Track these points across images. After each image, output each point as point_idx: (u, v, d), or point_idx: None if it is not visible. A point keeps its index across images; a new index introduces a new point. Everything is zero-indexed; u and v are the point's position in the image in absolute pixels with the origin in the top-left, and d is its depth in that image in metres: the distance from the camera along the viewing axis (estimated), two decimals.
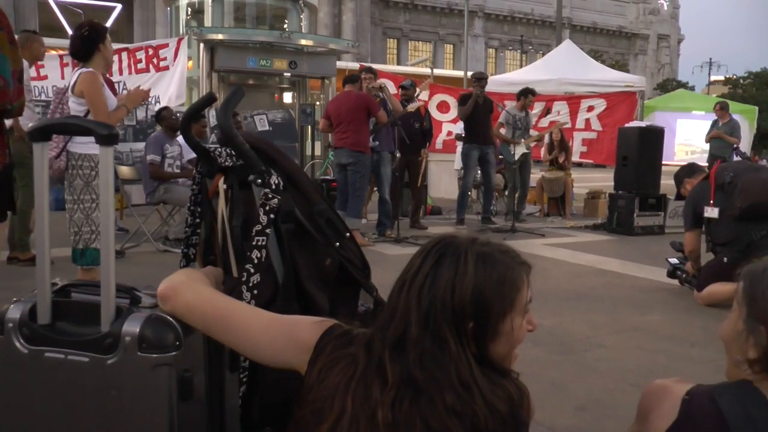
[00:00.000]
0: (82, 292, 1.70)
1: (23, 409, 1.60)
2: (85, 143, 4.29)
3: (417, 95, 9.56)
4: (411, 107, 8.55)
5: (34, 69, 10.60)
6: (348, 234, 1.98)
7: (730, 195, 4.92)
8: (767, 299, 1.37)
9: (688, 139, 17.26)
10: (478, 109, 9.27)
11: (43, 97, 10.35)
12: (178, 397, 1.53)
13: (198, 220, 2.15)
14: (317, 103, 15.86)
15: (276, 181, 1.84)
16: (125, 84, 10.59)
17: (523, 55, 45.97)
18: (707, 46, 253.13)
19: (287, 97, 16.79)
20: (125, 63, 10.88)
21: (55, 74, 10.62)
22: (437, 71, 22.56)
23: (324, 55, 15.44)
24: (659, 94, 42.07)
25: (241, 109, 11.43)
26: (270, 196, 1.84)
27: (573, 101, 12.96)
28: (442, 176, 13.19)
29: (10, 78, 2.77)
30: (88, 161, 4.30)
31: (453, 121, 12.27)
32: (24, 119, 6.03)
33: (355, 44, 17.83)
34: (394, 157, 8.24)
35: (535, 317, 1.41)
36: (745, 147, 13.99)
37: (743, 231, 4.90)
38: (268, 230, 1.85)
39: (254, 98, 15.51)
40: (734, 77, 52.52)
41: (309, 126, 12.94)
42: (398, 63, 41.91)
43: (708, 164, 11.32)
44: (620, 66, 47.44)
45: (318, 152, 14.07)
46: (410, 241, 7.85)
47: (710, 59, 55.83)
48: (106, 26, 4.76)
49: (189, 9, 18.09)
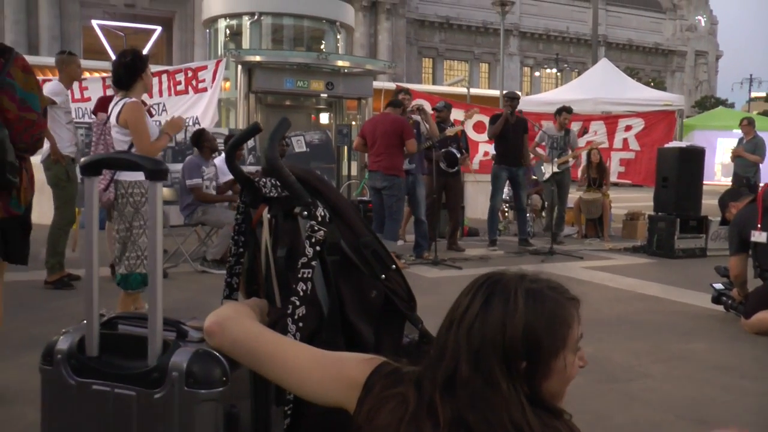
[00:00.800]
0: (129, 324, 1.71)
1: None
2: (133, 172, 4.34)
3: (463, 122, 9.59)
4: (450, 131, 8.54)
5: (78, 90, 10.89)
6: (394, 266, 1.96)
7: None
8: None
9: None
10: (509, 129, 9.20)
11: (86, 119, 10.56)
12: None
13: (241, 250, 2.15)
14: (353, 123, 15.93)
15: (322, 213, 1.83)
16: (165, 105, 10.78)
17: (559, 74, 45.73)
18: (747, 62, 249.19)
19: (324, 118, 16.89)
20: (165, 85, 11.07)
21: (98, 96, 10.82)
22: (473, 90, 22.56)
23: (360, 76, 15.52)
24: (698, 112, 41.49)
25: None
26: (316, 228, 1.82)
27: (610, 121, 12.83)
28: (479, 197, 13.11)
29: (40, 111, 3.13)
30: (138, 188, 4.35)
31: (489, 142, 12.21)
32: (64, 141, 6.17)
33: (392, 65, 17.91)
34: (431, 179, 8.27)
35: None
36: None
37: None
38: (314, 263, 1.84)
39: (291, 119, 15.46)
40: None
41: (345, 146, 12.99)
42: (434, 82, 41.99)
43: (732, 184, 11.08)
44: (657, 83, 46.95)
45: (354, 173, 14.10)
46: (448, 264, 7.80)
47: (750, 75, 54.95)
48: (147, 54, 4.83)
49: (227, 31, 18.36)
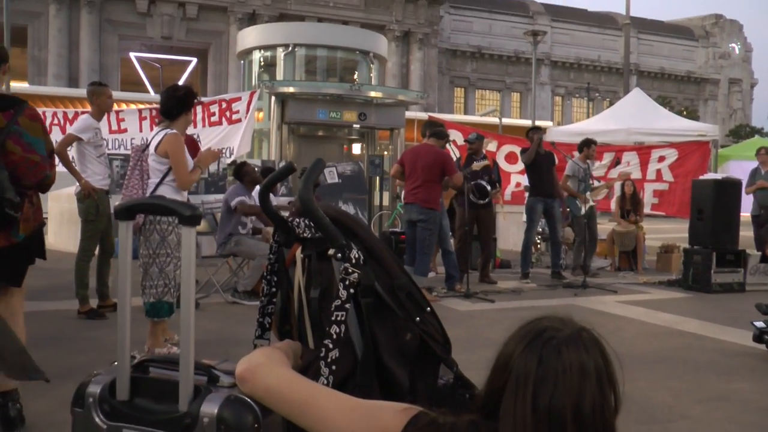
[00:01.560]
0: (160, 368, 1.69)
1: None
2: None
3: (484, 147, 9.54)
4: (476, 166, 8.49)
5: (115, 121, 11.10)
6: (429, 308, 1.93)
7: None
8: None
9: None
10: (542, 160, 9.19)
11: (122, 150, 10.75)
12: None
13: (274, 290, 2.14)
14: (385, 153, 15.98)
15: (356, 255, 1.81)
16: (199, 136, 10.92)
17: (590, 103, 45.58)
18: None
19: (356, 148, 16.97)
20: (199, 116, 11.23)
21: (134, 127, 11.05)
22: (505, 120, 22.55)
23: (393, 107, 15.60)
24: (732, 141, 40.94)
25: (311, 162, 11.61)
26: (350, 271, 1.80)
27: (643, 151, 12.68)
28: (511, 228, 13.03)
29: (45, 154, 3.56)
30: (165, 217, 4.41)
31: (521, 172, 12.14)
32: (96, 175, 6.27)
33: (424, 95, 17.99)
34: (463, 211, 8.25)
35: None
36: None
37: None
38: (348, 305, 1.81)
39: (323, 149, 15.76)
40: None
41: (377, 177, 13.00)
42: (465, 112, 42.07)
43: (752, 215, 10.79)
44: (690, 112, 46.50)
45: (386, 203, 14.11)
46: (480, 296, 7.72)
47: None
48: (195, 93, 4.97)
49: (261, 62, 18.65)
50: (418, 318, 1.91)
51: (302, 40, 18.15)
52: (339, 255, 1.81)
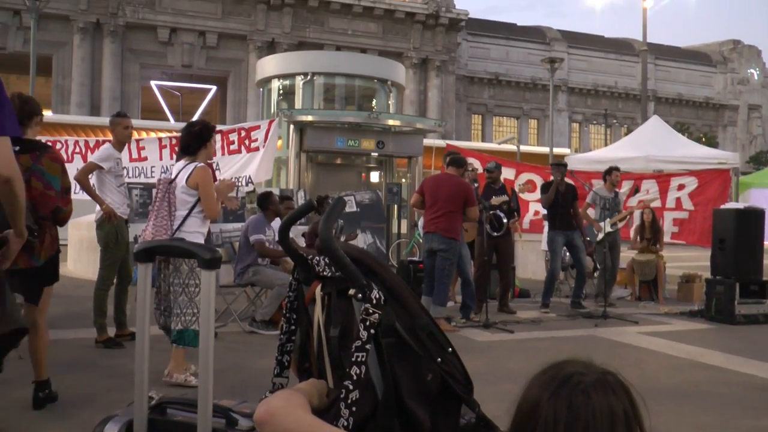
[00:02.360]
0: (178, 409, 1.67)
1: None
2: (192, 232, 4.56)
3: (514, 181, 9.60)
4: (495, 201, 8.48)
5: (136, 150, 11.21)
6: (450, 348, 1.90)
7: None
8: None
9: None
10: (560, 196, 9.20)
11: (142, 178, 10.82)
12: None
13: (293, 327, 2.12)
14: (403, 181, 15.99)
15: (377, 296, 1.79)
16: (218, 164, 10.99)
17: (608, 129, 45.45)
18: None
19: (374, 176, 16.99)
20: (218, 144, 11.29)
21: (154, 156, 11.14)
22: (522, 147, 22.54)
23: (410, 134, 15.64)
24: (753, 167, 40.56)
25: (329, 190, 11.66)
26: (371, 311, 1.78)
27: (662, 179, 12.59)
28: (529, 256, 12.95)
29: (59, 190, 4.10)
30: None
31: (539, 200, 12.12)
32: (115, 204, 6.33)
33: (441, 123, 18.04)
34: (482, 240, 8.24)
35: None
36: None
37: None
38: (368, 346, 1.79)
39: (341, 177, 15.81)
40: None
41: (396, 205, 12.99)
42: (483, 139, 42.09)
43: None
44: (709, 138, 46.19)
45: (404, 230, 14.08)
46: (499, 327, 7.64)
47: None
48: (215, 126, 5.11)
49: (280, 90, 18.81)
50: (440, 358, 1.89)
51: (321, 69, 18.31)
52: (359, 295, 1.79)
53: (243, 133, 11.32)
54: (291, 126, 14.37)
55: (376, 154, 15.56)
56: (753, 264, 8.80)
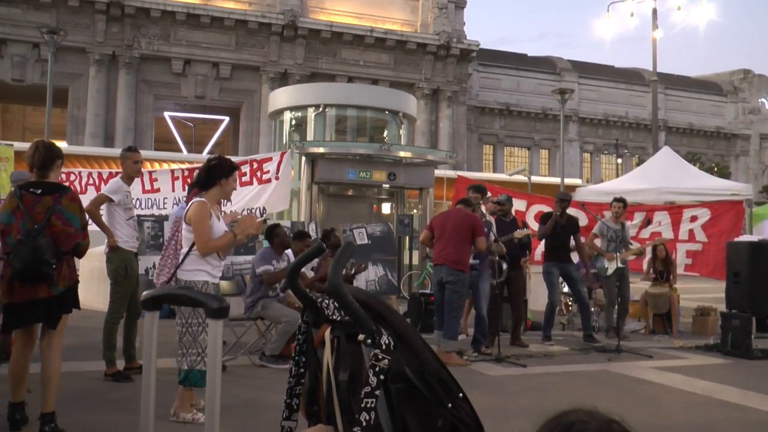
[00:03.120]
0: None
1: None
2: (190, 270, 4.48)
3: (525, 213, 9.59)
4: (519, 234, 8.47)
5: (148, 181, 11.30)
6: (461, 394, 1.88)
7: None
8: None
9: None
10: (559, 229, 9.22)
11: (155, 210, 10.88)
12: None
13: (302, 370, 2.11)
14: (414, 212, 15.98)
15: (386, 341, 1.78)
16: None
17: (619, 159, 45.39)
18: None
19: (386, 208, 17.02)
20: (237, 175, 11.37)
21: (167, 187, 11.22)
22: (533, 178, 22.51)
23: (422, 166, 15.67)
24: (765, 197, 40.30)
25: (341, 222, 11.66)
26: (380, 357, 1.77)
27: (674, 211, 12.49)
28: (541, 288, 12.79)
29: (78, 227, 4.52)
30: (197, 286, 4.43)
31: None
32: (124, 237, 6.37)
33: (452, 155, 18.07)
34: (502, 272, 8.19)
35: None
36: None
37: None
38: (378, 392, 1.77)
39: (353, 209, 15.83)
40: None
41: (407, 236, 12.98)
42: (494, 169, 42.10)
43: None
44: (721, 168, 46.00)
45: (416, 262, 14.04)
46: (511, 361, 7.57)
47: None
48: (237, 165, 4.99)
49: (292, 122, 18.93)
50: (451, 404, 1.86)
51: (332, 101, 18.43)
52: (369, 341, 1.78)
53: (255, 165, 11.39)
54: (303, 157, 14.44)
55: (388, 186, 15.60)
56: None
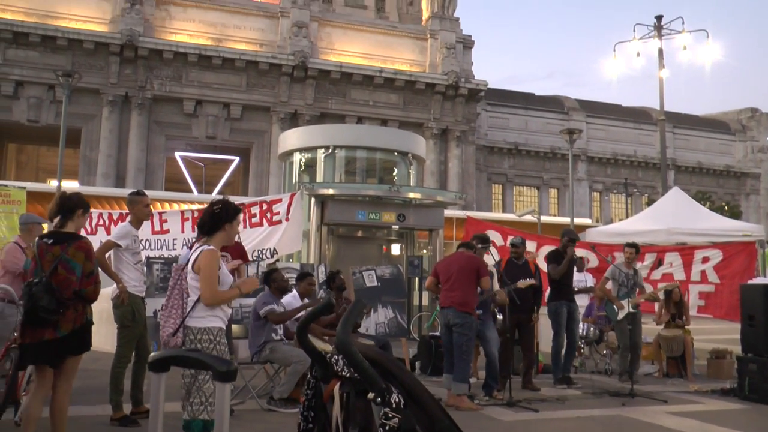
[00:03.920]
0: None
1: None
2: (202, 317, 4.42)
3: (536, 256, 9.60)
4: (522, 284, 8.44)
5: (158, 222, 11.35)
6: None
7: None
8: None
9: None
10: (568, 267, 9.26)
11: (164, 251, 10.90)
12: None
13: (311, 425, 2.08)
14: (423, 252, 15.93)
15: (396, 400, 1.75)
16: (240, 238, 11.05)
17: (628, 198, 45.31)
18: None
19: (395, 249, 17.00)
20: (240, 218, 11.40)
21: (176, 228, 11.26)
22: (543, 218, 22.43)
23: (431, 207, 15.67)
24: None
25: (350, 264, 11.64)
26: (390, 416, 1.74)
27: (686, 252, 12.39)
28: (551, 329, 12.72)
29: (80, 275, 4.74)
30: (207, 334, 4.41)
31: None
32: (131, 281, 6.37)
33: (462, 196, 18.08)
34: (496, 319, 8.24)
35: None
36: None
37: None
38: None
39: (362, 250, 15.83)
40: None
41: (417, 278, 12.93)
42: (503, 209, 42.06)
43: None
44: (731, 207, 45.79)
45: (425, 303, 13.96)
46: (523, 405, 7.45)
47: None
48: (240, 207, 4.97)
49: (302, 163, 19.03)
50: None
51: (342, 142, 18.53)
52: (378, 399, 1.75)
53: (265, 207, 11.43)
54: (312, 199, 14.49)
55: (397, 227, 15.61)
56: None
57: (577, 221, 21.29)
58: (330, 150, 18.08)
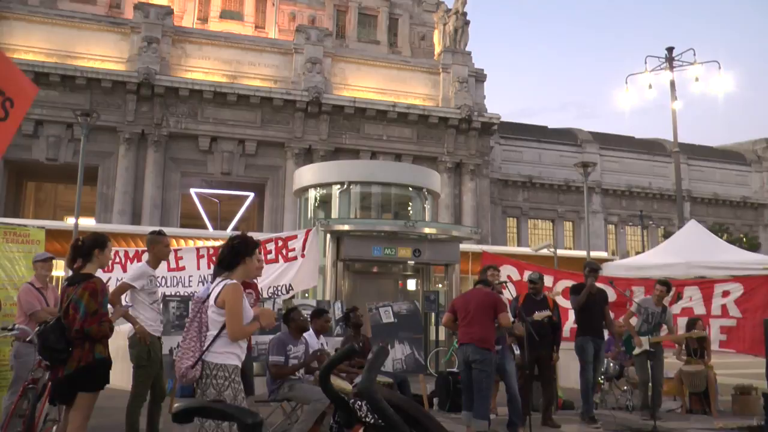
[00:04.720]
0: None
1: None
2: (221, 353, 4.39)
3: (554, 295, 9.57)
4: (538, 316, 8.40)
5: (174, 260, 11.36)
6: None
7: None
8: None
9: None
10: (592, 300, 9.10)
11: (180, 288, 10.90)
12: None
13: None
14: (439, 286, 15.85)
15: None
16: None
17: (644, 231, 45.01)
18: None
19: (411, 284, 16.95)
20: (259, 252, 11.40)
21: (192, 265, 11.26)
22: (558, 252, 22.29)
23: (447, 242, 15.64)
24: None
25: (366, 299, 11.58)
26: None
27: (705, 286, 12.24)
28: (571, 365, 12.53)
29: (84, 314, 4.88)
30: (223, 371, 4.37)
31: None
32: (147, 321, 6.38)
33: (477, 230, 18.03)
34: (514, 354, 8.22)
35: None
36: None
37: None
38: None
39: (378, 285, 15.79)
40: None
41: (433, 313, 12.85)
42: (518, 242, 41.92)
43: None
44: (750, 239, 45.35)
45: (442, 338, 13.86)
46: None
47: None
48: (258, 241, 4.96)
49: (317, 199, 19.09)
50: None
51: (357, 178, 18.58)
52: None
53: (280, 243, 11.43)
54: (328, 235, 14.50)
55: (413, 262, 15.57)
56: None
57: (594, 254, 21.13)
58: (345, 186, 18.13)
